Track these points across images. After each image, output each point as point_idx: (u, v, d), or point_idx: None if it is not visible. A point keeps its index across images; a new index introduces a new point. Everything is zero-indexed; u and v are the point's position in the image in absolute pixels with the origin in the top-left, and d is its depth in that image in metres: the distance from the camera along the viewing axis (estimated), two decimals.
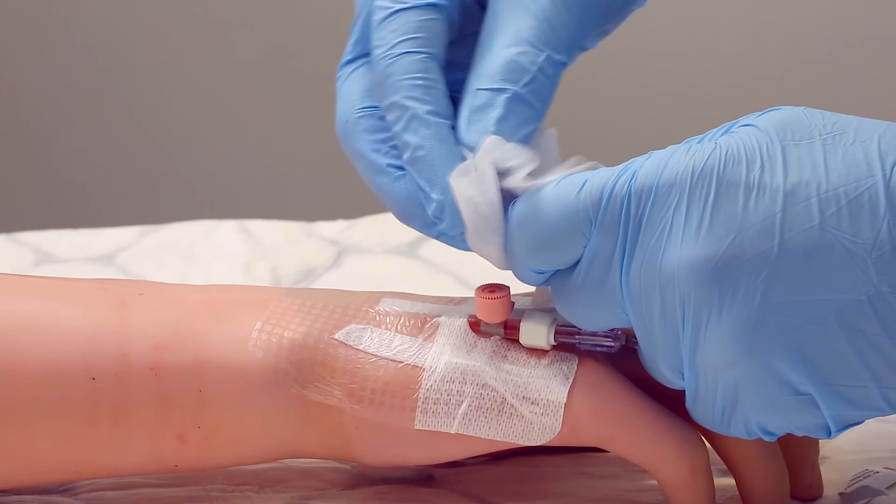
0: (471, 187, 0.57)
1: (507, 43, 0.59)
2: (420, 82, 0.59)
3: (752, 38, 2.01)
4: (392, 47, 0.60)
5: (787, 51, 2.00)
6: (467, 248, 0.60)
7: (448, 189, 0.58)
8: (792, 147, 0.54)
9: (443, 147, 0.59)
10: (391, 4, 0.60)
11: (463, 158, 0.58)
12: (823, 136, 0.54)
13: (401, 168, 0.60)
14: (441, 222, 0.59)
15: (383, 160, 0.60)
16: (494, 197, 0.57)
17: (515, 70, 0.59)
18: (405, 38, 0.60)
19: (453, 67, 0.61)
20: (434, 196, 0.59)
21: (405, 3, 0.60)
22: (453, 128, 0.59)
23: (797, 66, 2.00)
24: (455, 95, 0.60)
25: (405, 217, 0.60)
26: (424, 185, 0.59)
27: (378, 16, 0.60)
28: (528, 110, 0.59)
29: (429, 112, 0.59)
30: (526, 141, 0.59)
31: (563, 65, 0.60)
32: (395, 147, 0.60)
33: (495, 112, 0.58)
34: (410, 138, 0.59)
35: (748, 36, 2.01)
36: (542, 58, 0.59)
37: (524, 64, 0.59)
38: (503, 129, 0.58)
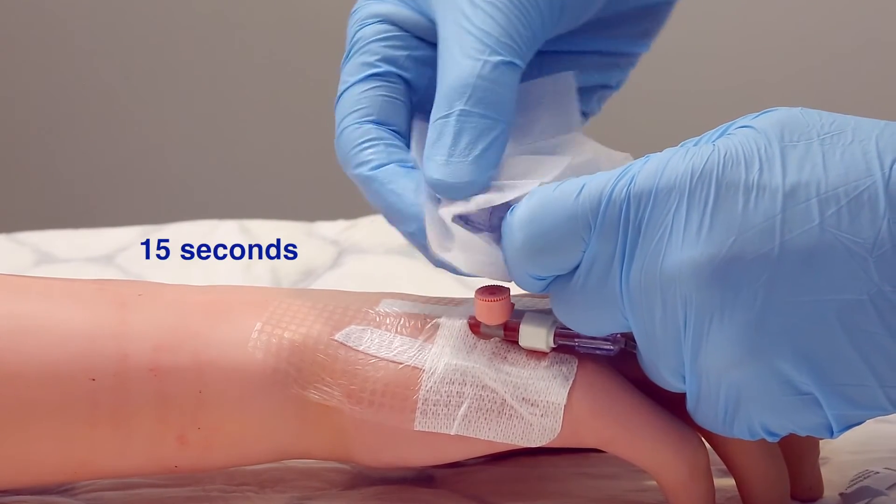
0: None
1: (449, 68, 0.60)
2: (358, 149, 0.61)
3: (751, 39, 2.01)
4: (338, 126, 0.62)
5: (785, 52, 2.00)
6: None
7: (417, 217, 0.59)
8: (790, 148, 0.54)
9: (393, 186, 0.60)
10: (340, 87, 0.63)
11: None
12: (821, 136, 0.54)
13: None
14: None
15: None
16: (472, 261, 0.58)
17: (457, 89, 0.59)
18: (346, 114, 0.62)
19: None
20: (411, 230, 0.60)
21: (347, 82, 0.63)
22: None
23: (796, 67, 2.00)
24: None
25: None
26: (401, 227, 0.60)
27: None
28: (481, 121, 0.59)
29: (372, 168, 0.60)
30: (493, 149, 0.59)
31: (510, 64, 0.59)
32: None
33: (447, 138, 0.59)
34: (371, 198, 0.61)
35: (747, 37, 2.01)
36: (478, 66, 0.59)
37: (464, 79, 0.59)
38: (457, 150, 0.58)
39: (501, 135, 0.59)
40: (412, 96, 0.63)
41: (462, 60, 0.59)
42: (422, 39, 0.64)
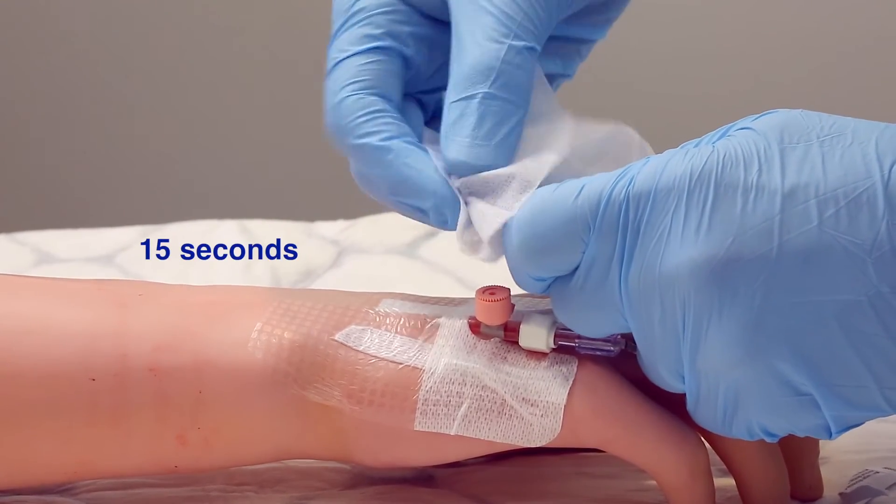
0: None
1: (470, 48, 0.59)
2: (364, 118, 0.60)
3: (753, 41, 2.01)
4: (335, 95, 0.61)
5: (787, 53, 2.00)
6: None
7: (436, 192, 0.58)
8: (790, 149, 0.54)
9: (409, 159, 0.59)
10: (336, 55, 0.62)
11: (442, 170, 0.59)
12: (821, 138, 0.54)
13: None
14: (445, 223, 0.59)
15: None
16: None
17: (481, 71, 0.59)
18: (345, 84, 0.61)
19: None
20: (426, 206, 0.59)
21: (346, 51, 0.62)
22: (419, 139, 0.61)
23: (797, 68, 2.00)
24: None
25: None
26: (414, 202, 0.59)
27: (327, 69, 0.62)
28: (505, 105, 0.59)
29: (383, 139, 0.60)
30: (515, 134, 0.59)
31: (532, 49, 0.60)
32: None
33: (470, 120, 0.59)
34: (377, 171, 0.60)
35: (748, 39, 2.01)
36: (503, 50, 0.59)
37: (488, 62, 0.59)
38: (480, 134, 0.58)
39: (522, 120, 0.59)
40: (405, 74, 0.63)
41: (485, 42, 0.59)
42: (423, 16, 0.63)
